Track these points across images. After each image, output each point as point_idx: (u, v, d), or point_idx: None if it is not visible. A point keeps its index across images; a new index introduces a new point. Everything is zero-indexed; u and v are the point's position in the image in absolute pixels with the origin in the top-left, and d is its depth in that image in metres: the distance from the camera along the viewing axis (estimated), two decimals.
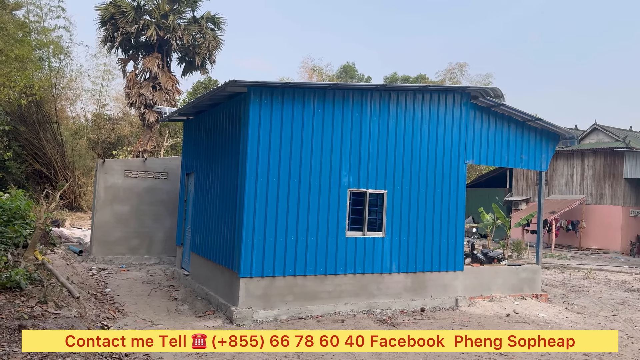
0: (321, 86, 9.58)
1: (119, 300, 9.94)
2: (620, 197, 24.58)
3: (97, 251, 14.34)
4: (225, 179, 9.86)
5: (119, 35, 26.48)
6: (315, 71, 49.21)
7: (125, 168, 14.84)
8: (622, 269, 18.79)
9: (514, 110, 11.33)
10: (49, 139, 26.78)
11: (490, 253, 12.53)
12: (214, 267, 10.13)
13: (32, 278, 8.39)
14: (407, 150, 10.33)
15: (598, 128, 26.73)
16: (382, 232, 10.05)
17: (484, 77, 46.78)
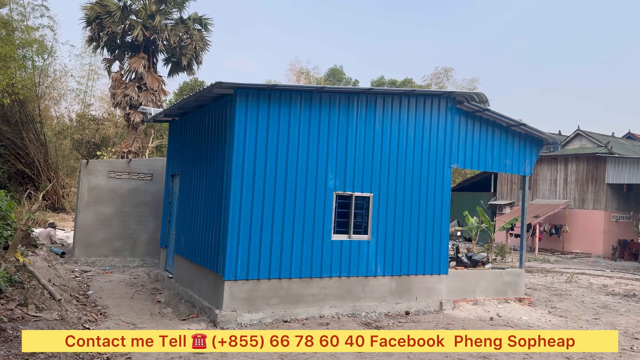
0: (308, 89, 9.58)
1: (101, 303, 9.82)
2: (603, 201, 24.93)
3: (79, 253, 14.16)
4: (211, 181, 9.80)
5: (104, 35, 26.17)
6: (303, 74, 49.22)
7: (109, 169, 14.69)
8: (604, 272, 19.05)
9: (499, 116, 11.45)
10: (32, 139, 26.43)
11: (474, 256, 12.62)
12: (199, 269, 10.06)
13: (13, 280, 8.24)
14: (392, 153, 10.37)
15: (581, 134, 27.10)
16: (367, 235, 10.06)
17: (470, 81, 47.25)
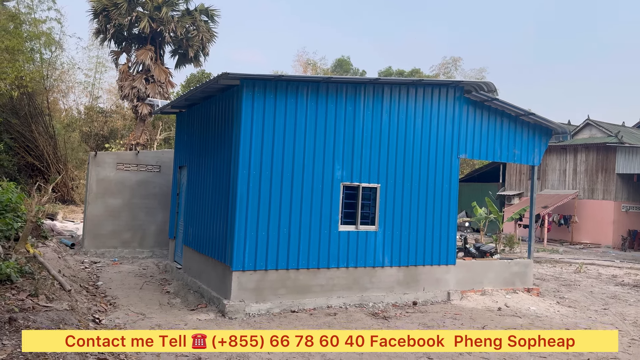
0: (314, 79, 9.55)
1: (110, 294, 9.91)
2: (613, 191, 24.73)
3: (89, 244, 14.28)
4: (218, 172, 9.82)
5: (111, 27, 26.23)
6: (310, 65, 49.06)
7: (117, 161, 14.76)
8: (614, 263, 18.93)
9: (507, 105, 11.35)
10: (41, 132, 26.56)
11: (482, 247, 12.57)
12: (207, 260, 10.11)
13: (23, 271, 8.34)
14: (400, 144, 10.32)
15: (591, 123, 26.83)
16: (375, 226, 10.05)
17: (478, 71, 46.89)
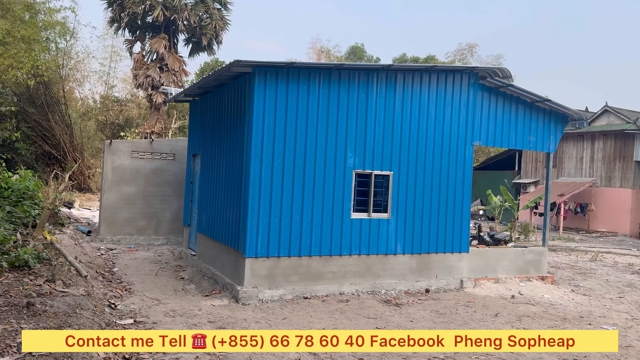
0: (327, 66, 9.50)
1: (126, 280, 10.06)
2: (631, 179, 24.34)
3: (105, 231, 14.48)
4: (231, 160, 9.86)
5: (125, 16, 26.34)
6: (324, 52, 48.80)
7: (132, 149, 14.90)
8: (630, 251, 18.70)
9: (523, 91, 11.19)
10: (58, 121, 26.89)
11: (497, 235, 12.50)
12: (220, 247, 10.20)
13: (41, 257, 8.50)
14: (413, 131, 10.25)
15: (609, 110, 26.33)
16: (387, 213, 10.03)
17: (494, 58, 46.30)
